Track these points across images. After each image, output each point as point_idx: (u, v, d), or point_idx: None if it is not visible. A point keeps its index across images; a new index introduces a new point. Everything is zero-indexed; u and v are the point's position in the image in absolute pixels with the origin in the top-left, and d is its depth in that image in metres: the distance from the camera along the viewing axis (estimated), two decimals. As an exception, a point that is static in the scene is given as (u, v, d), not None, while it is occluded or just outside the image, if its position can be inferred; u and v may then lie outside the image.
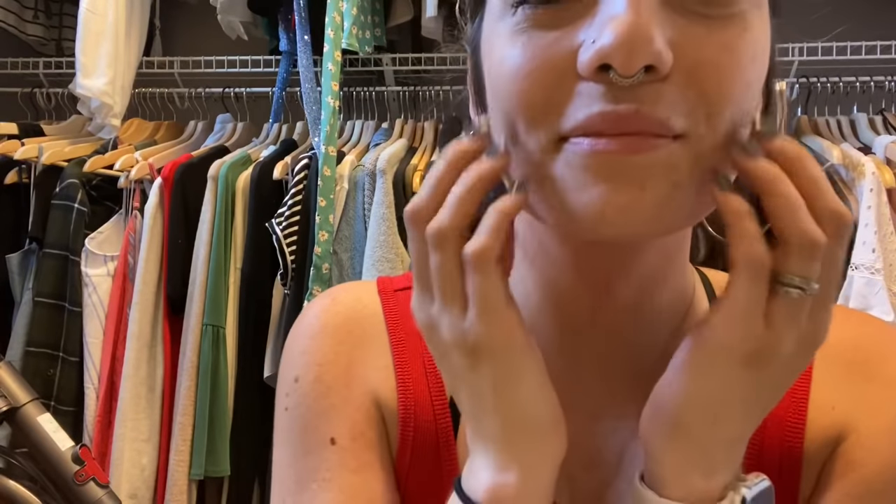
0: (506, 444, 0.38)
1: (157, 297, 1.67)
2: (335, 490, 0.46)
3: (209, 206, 1.66)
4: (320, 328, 0.50)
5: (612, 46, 0.31)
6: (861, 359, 0.45)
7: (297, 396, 0.48)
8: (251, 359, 1.63)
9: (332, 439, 0.47)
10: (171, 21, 2.19)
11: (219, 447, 1.59)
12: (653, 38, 0.31)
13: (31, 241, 1.74)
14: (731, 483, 0.37)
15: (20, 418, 1.04)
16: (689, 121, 0.33)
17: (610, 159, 0.33)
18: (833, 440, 0.44)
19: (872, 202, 1.39)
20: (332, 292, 0.53)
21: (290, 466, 0.48)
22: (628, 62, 0.31)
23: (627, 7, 0.31)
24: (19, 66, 2.02)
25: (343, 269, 1.58)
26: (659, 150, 0.33)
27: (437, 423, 0.48)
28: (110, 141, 1.85)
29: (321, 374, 0.48)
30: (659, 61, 0.32)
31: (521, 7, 0.35)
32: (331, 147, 1.58)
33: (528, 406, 0.38)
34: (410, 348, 0.49)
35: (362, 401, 0.48)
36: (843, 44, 1.69)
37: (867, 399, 0.44)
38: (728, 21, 0.34)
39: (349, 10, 1.63)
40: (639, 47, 0.31)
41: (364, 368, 0.49)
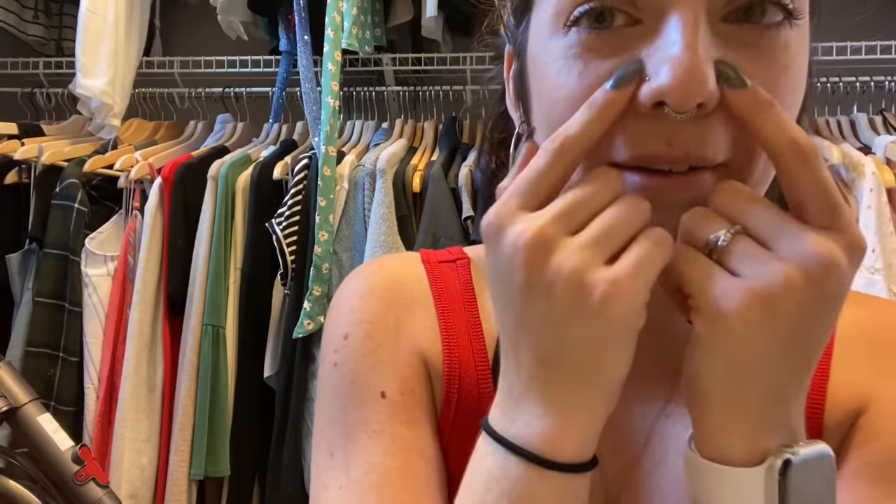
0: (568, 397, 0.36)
1: (157, 297, 1.67)
2: (386, 441, 0.46)
3: (209, 206, 1.66)
4: (369, 290, 0.51)
5: (670, 87, 0.33)
6: (883, 338, 0.46)
7: (347, 352, 0.49)
8: (251, 359, 1.63)
9: (383, 393, 0.48)
10: (171, 21, 2.19)
11: (219, 447, 1.59)
12: (707, 80, 0.33)
13: (31, 241, 1.74)
14: (776, 447, 0.35)
15: (20, 418, 1.04)
16: (730, 153, 0.36)
17: (661, 197, 0.36)
18: (853, 413, 0.44)
19: (872, 202, 1.39)
20: (379, 260, 0.54)
21: (337, 420, 0.48)
22: (684, 102, 0.33)
23: (684, 47, 0.33)
24: (19, 66, 2.02)
25: (343, 269, 1.58)
26: (702, 185, 0.36)
27: (480, 385, 0.48)
28: (110, 141, 1.85)
29: (371, 331, 0.49)
30: (710, 100, 0.34)
31: (575, 28, 0.37)
32: (331, 147, 1.58)
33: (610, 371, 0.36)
34: (455, 313, 0.50)
35: (411, 358, 0.49)
36: (843, 44, 1.69)
37: (889, 375, 0.45)
38: (773, 58, 0.36)
39: (349, 10, 1.63)
40: (694, 88, 0.33)
41: (412, 329, 0.50)
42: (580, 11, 0.37)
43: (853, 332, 0.45)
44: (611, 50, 0.36)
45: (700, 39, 0.34)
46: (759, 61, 0.36)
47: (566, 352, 0.35)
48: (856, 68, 1.70)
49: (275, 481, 1.58)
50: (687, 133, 0.35)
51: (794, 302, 0.32)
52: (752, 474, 0.34)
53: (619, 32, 0.36)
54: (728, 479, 0.35)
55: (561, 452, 0.36)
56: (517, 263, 0.35)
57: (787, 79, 0.37)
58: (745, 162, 0.36)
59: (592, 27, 0.36)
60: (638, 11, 0.36)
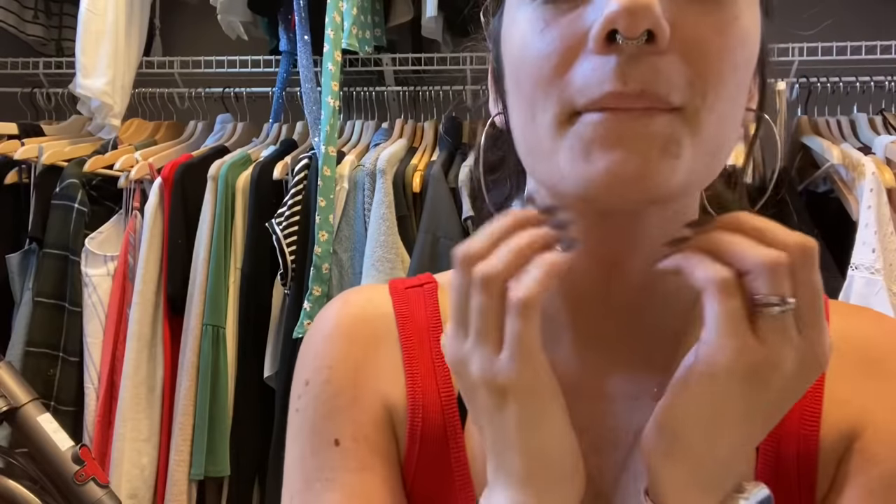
0: (526, 482, 0.39)
1: (157, 297, 1.67)
2: (336, 490, 0.48)
3: (209, 206, 1.66)
4: (331, 329, 0.52)
5: (618, 12, 0.34)
6: (876, 356, 0.46)
7: (307, 399, 0.51)
8: (251, 359, 1.63)
9: (336, 440, 0.49)
10: (171, 21, 2.19)
11: (219, 447, 1.59)
12: (652, 4, 0.34)
13: (31, 241, 1.74)
14: (728, 495, 0.38)
15: (20, 418, 1.04)
16: (685, 95, 0.36)
17: (618, 128, 0.36)
18: (848, 434, 0.45)
19: (872, 202, 1.39)
20: (345, 295, 0.55)
21: (299, 466, 0.50)
22: (632, 24, 0.34)
23: None
24: (19, 66, 2.02)
25: (343, 269, 1.58)
26: (660, 119, 0.36)
27: (445, 413, 0.49)
28: (110, 141, 1.85)
29: (330, 376, 0.50)
30: (658, 27, 0.35)
31: None
32: (331, 147, 1.58)
33: (550, 448, 0.39)
34: (419, 344, 0.51)
35: (370, 403, 0.50)
36: (843, 44, 1.69)
37: (884, 395, 0.45)
38: (721, 6, 0.37)
39: (349, 10, 1.63)
40: (640, 11, 0.34)
41: (374, 368, 0.51)
42: None
43: (845, 348, 0.45)
44: (570, 6, 0.38)
45: None
46: (710, 21, 0.37)
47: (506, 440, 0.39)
48: (856, 68, 1.70)
49: (275, 481, 1.58)
50: (641, 68, 0.35)
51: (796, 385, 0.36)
52: None
53: None
54: None
55: None
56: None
57: (735, 29, 0.37)
58: (702, 106, 0.37)
59: None
60: None
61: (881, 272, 1.35)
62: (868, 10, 1.95)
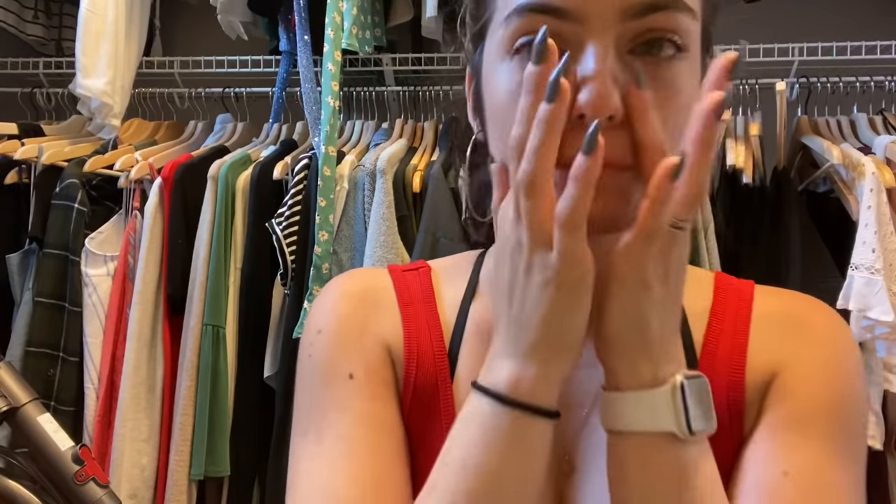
0: (533, 354, 0.45)
1: (157, 297, 1.67)
2: (353, 415, 0.54)
3: (209, 206, 1.66)
4: (340, 294, 0.60)
5: (586, 105, 0.44)
6: (792, 320, 0.57)
7: (321, 344, 0.58)
8: (251, 359, 1.63)
9: (350, 374, 0.56)
10: (171, 21, 2.19)
11: (219, 447, 1.59)
12: (612, 98, 0.44)
13: (31, 241, 1.74)
14: (672, 373, 0.46)
15: (20, 418, 1.04)
16: (632, 156, 0.45)
17: None
18: (768, 376, 0.54)
19: (872, 202, 1.39)
20: (350, 272, 0.64)
21: (311, 404, 0.56)
22: (597, 114, 0.44)
23: (595, 73, 0.44)
24: (19, 66, 2.02)
25: (343, 269, 1.58)
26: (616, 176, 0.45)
27: (437, 367, 0.57)
28: (110, 141, 1.85)
29: (340, 325, 0.58)
30: (617, 114, 0.45)
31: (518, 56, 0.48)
32: (331, 147, 1.58)
33: (569, 332, 0.46)
34: (416, 310, 0.59)
35: (375, 346, 0.57)
36: (843, 44, 1.69)
37: (800, 348, 0.55)
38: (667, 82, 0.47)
39: (349, 10, 1.63)
40: (602, 105, 0.44)
41: (377, 325, 0.58)
42: (521, 42, 0.47)
43: (768, 315, 0.57)
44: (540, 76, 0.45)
45: (608, 67, 0.44)
46: (656, 82, 0.46)
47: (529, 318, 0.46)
48: (856, 68, 1.70)
49: (275, 481, 1.58)
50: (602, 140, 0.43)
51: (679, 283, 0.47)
52: (661, 393, 0.45)
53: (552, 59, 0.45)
54: (646, 400, 0.45)
55: (520, 392, 0.45)
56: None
57: (677, 101, 0.47)
58: (648, 166, 0.45)
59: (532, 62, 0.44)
60: (565, 44, 0.45)
61: (881, 272, 1.35)
62: (868, 10, 1.95)
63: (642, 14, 0.45)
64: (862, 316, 1.35)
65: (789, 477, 0.50)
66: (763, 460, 0.52)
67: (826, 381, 0.53)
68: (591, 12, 0.45)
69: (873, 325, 1.35)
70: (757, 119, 1.64)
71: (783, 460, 0.51)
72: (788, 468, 0.50)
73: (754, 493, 0.50)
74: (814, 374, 0.54)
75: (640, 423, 0.45)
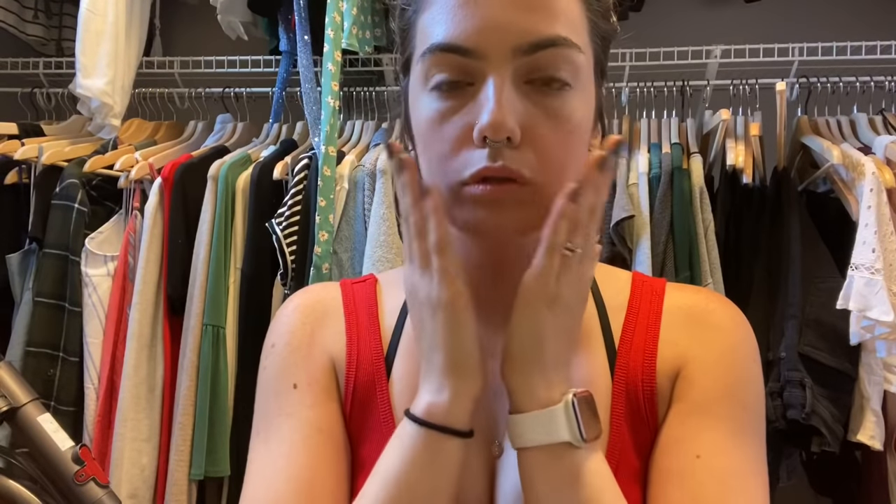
0: (447, 373, 0.54)
1: (157, 297, 1.67)
2: (295, 421, 0.62)
3: (209, 206, 1.66)
4: (293, 308, 0.69)
5: (486, 126, 0.53)
6: (696, 313, 0.64)
7: (273, 357, 0.66)
8: (251, 359, 1.63)
9: (295, 384, 0.64)
10: (171, 21, 2.19)
11: (219, 447, 1.59)
12: (509, 124, 0.53)
13: (31, 241, 1.74)
14: (564, 391, 0.54)
15: (20, 418, 1.04)
16: (534, 173, 0.55)
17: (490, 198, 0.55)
18: (677, 367, 0.61)
19: (872, 202, 1.39)
20: (306, 288, 0.73)
21: (263, 410, 0.65)
22: (496, 135, 0.53)
23: (494, 101, 0.53)
24: (19, 66, 2.03)
25: (343, 269, 1.58)
26: (514, 193, 0.55)
27: (374, 367, 0.65)
28: (110, 141, 1.85)
29: (290, 339, 0.66)
30: (514, 136, 0.54)
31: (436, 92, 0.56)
32: (331, 147, 1.58)
33: (464, 346, 0.54)
34: (359, 317, 0.68)
35: (320, 358, 0.65)
36: (843, 44, 1.69)
37: (702, 338, 0.62)
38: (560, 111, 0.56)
39: (349, 10, 1.63)
40: (501, 128, 0.53)
41: (323, 335, 0.66)
42: (437, 80, 0.56)
43: (676, 310, 0.64)
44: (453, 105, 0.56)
45: (505, 96, 0.53)
46: (549, 120, 0.55)
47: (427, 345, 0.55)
48: (856, 68, 1.70)
49: (275, 481, 1.58)
50: (504, 155, 0.54)
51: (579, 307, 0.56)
52: (556, 410, 0.53)
53: (461, 91, 0.56)
54: (544, 417, 0.53)
55: (435, 416, 0.53)
56: None
57: (568, 126, 0.56)
58: (545, 181, 0.55)
59: (444, 91, 0.56)
60: (471, 78, 0.55)
61: (881, 272, 1.35)
62: (868, 10, 1.95)
63: (532, 51, 0.54)
64: (862, 316, 1.35)
65: (701, 460, 0.57)
66: (676, 444, 0.59)
67: (726, 369, 0.61)
68: (489, 50, 0.54)
69: (873, 325, 1.35)
70: (757, 119, 1.64)
71: (695, 444, 0.58)
72: (700, 451, 0.57)
73: (669, 475, 0.58)
74: (715, 362, 0.61)
75: (542, 437, 0.53)
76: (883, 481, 1.45)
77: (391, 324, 0.67)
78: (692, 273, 1.49)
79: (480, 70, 0.54)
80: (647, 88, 1.76)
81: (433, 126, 0.56)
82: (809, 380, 1.40)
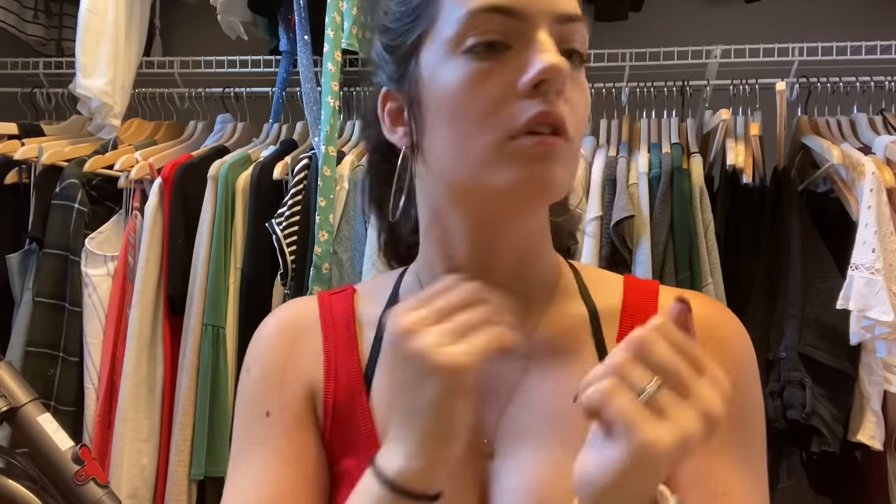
0: (426, 440, 0.50)
1: (157, 297, 1.67)
2: (263, 451, 0.62)
3: (209, 206, 1.66)
4: (269, 329, 0.68)
5: (547, 69, 0.53)
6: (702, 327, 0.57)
7: (248, 382, 0.67)
8: (251, 359, 1.63)
9: (267, 412, 0.64)
10: (171, 21, 2.19)
11: (219, 447, 1.59)
12: (567, 69, 0.54)
13: (31, 241, 1.74)
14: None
15: (20, 418, 1.04)
16: (573, 130, 0.55)
17: (542, 150, 0.54)
18: None
19: (872, 202, 1.39)
20: (285, 304, 0.72)
21: (237, 434, 0.65)
22: (558, 76, 0.53)
23: (553, 51, 0.54)
24: (19, 66, 2.02)
25: (343, 269, 1.58)
26: (562, 148, 0.55)
27: (353, 382, 0.64)
28: (110, 141, 1.85)
29: (264, 364, 0.66)
30: (565, 83, 0.55)
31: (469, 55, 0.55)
32: (331, 147, 1.58)
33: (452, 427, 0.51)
34: (335, 332, 0.66)
35: (293, 384, 0.64)
36: (843, 44, 1.69)
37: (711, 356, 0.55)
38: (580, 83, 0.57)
39: (349, 10, 1.63)
40: (562, 70, 0.53)
41: (299, 356, 0.65)
42: (473, 41, 0.55)
43: None
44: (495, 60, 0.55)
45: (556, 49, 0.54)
46: (577, 86, 0.56)
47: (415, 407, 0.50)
48: (856, 68, 1.70)
49: (275, 481, 1.58)
50: (555, 104, 0.54)
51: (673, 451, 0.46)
52: None
53: (502, 53, 0.55)
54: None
55: (408, 481, 0.50)
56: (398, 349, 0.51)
57: (586, 93, 0.58)
58: (577, 138, 0.56)
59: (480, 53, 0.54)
60: (512, 41, 0.55)
61: (881, 272, 1.35)
62: (868, 11, 1.95)
63: (565, 21, 0.56)
64: (862, 316, 1.35)
65: (727, 497, 0.56)
66: (697, 479, 0.56)
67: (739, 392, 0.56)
68: (535, 13, 0.55)
69: (873, 325, 1.35)
70: (757, 119, 1.64)
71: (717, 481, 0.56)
72: (725, 488, 0.56)
73: None
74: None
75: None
76: (883, 481, 1.45)
77: (370, 336, 0.65)
78: (692, 273, 1.48)
79: (523, 32, 0.54)
80: (647, 88, 1.75)
81: (468, 87, 0.55)
82: (809, 380, 1.40)
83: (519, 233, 0.60)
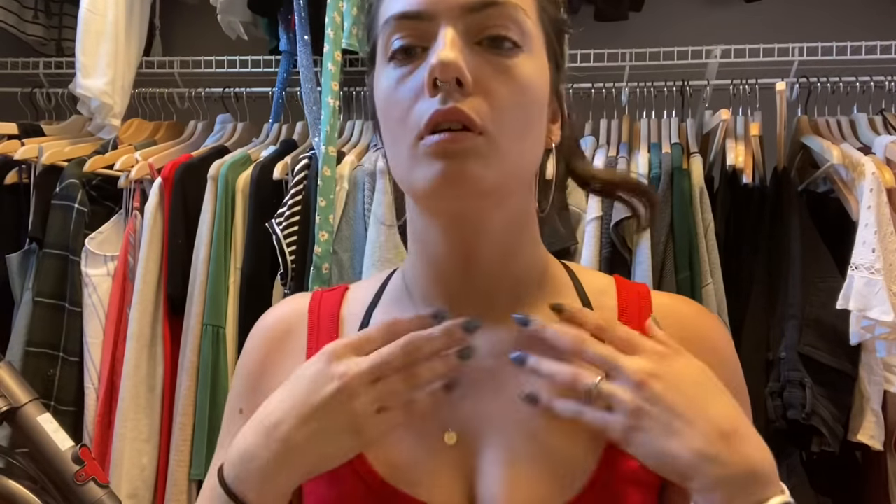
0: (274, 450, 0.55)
1: (157, 297, 1.67)
2: None
3: (209, 206, 1.66)
4: (256, 330, 0.71)
5: (435, 66, 0.53)
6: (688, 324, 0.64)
7: (235, 377, 0.71)
8: (251, 359, 1.63)
9: (241, 409, 0.68)
10: (171, 21, 2.19)
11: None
12: (459, 63, 0.53)
13: (31, 241, 1.74)
14: None
15: (20, 418, 1.04)
16: (486, 122, 0.54)
17: (445, 147, 0.54)
18: None
19: (872, 202, 1.39)
20: (279, 302, 0.74)
21: (223, 427, 0.70)
22: (445, 74, 0.53)
23: (443, 44, 0.54)
24: (19, 66, 2.02)
25: (343, 269, 1.58)
26: (471, 141, 0.54)
27: None
28: (110, 141, 1.85)
29: (246, 362, 0.70)
30: (463, 77, 0.53)
31: (394, 61, 0.57)
32: (331, 147, 1.58)
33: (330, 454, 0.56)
34: (322, 329, 0.68)
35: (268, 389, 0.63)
36: (843, 44, 1.69)
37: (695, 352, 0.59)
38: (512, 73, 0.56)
39: (349, 10, 1.63)
40: (450, 66, 0.53)
41: (282, 358, 0.68)
42: (393, 49, 0.57)
43: (670, 319, 0.63)
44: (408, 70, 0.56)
45: (455, 42, 0.54)
46: (501, 76, 0.55)
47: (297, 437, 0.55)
48: (856, 68, 1.70)
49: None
50: (455, 99, 0.53)
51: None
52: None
53: (417, 56, 0.56)
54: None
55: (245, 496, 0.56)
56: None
57: (522, 85, 0.56)
58: (501, 137, 0.55)
59: (400, 60, 0.57)
60: (426, 42, 0.56)
61: (881, 272, 1.35)
62: (868, 10, 1.95)
63: (479, 9, 0.55)
64: (862, 316, 1.35)
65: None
66: None
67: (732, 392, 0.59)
68: (440, 11, 0.55)
69: (873, 325, 1.35)
70: (757, 119, 1.64)
71: None
72: None
73: None
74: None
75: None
76: (883, 481, 1.45)
77: (352, 331, 0.67)
78: (692, 273, 1.48)
79: (433, 31, 0.55)
80: (647, 88, 1.75)
81: (390, 94, 0.57)
82: (809, 380, 1.40)
83: (492, 230, 0.60)
